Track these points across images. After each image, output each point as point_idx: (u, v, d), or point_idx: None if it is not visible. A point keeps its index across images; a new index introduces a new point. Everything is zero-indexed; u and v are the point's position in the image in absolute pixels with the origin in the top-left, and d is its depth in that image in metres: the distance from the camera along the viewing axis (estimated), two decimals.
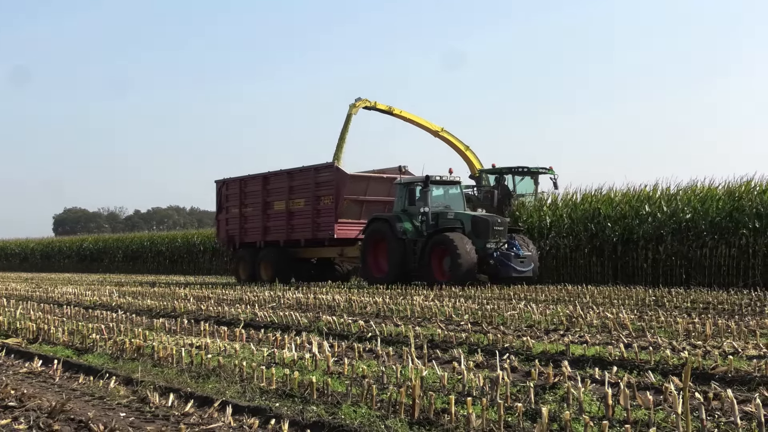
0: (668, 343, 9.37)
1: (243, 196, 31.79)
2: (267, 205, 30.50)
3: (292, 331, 11.62)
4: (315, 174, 28.44)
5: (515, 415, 5.70)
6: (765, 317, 12.40)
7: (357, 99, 33.28)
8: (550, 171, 27.64)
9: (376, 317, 13.51)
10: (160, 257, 53.79)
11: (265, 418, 5.96)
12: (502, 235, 23.82)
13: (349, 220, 27.70)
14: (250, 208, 31.45)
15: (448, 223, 24.18)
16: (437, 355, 9.00)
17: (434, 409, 5.94)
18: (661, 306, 14.94)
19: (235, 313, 14.39)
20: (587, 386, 6.74)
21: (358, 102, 33.28)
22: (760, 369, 7.42)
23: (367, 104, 33.51)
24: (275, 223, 30.15)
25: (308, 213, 28.54)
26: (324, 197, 27.90)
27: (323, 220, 27.98)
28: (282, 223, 29.73)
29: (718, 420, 5.64)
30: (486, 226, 23.54)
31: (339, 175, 27.55)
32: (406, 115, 34.19)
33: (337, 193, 27.30)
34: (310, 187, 28.45)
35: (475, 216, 24.17)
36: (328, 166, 28.55)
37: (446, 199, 25.65)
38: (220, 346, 9.66)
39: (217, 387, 7.28)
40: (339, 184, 27.30)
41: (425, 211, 24.46)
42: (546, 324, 11.89)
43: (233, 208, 32.25)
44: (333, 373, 7.77)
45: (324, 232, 27.99)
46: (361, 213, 27.82)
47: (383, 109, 33.95)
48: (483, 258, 23.05)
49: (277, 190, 30.25)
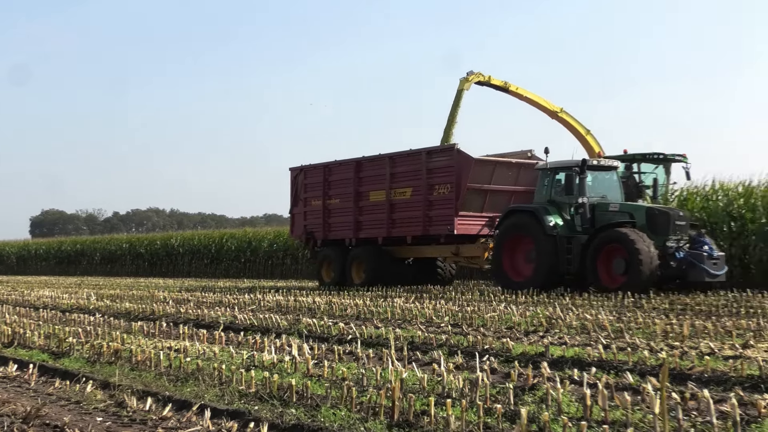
0: (646, 344, 9.42)
1: (327, 186, 27.71)
2: (360, 195, 26.47)
3: (271, 333, 11.60)
4: (427, 158, 24.40)
5: (494, 417, 5.71)
6: (741, 318, 12.47)
7: (469, 72, 29.23)
8: (684, 159, 23.31)
9: (356, 319, 13.50)
10: (139, 260, 53.60)
11: (244, 421, 5.94)
12: (684, 232, 19.85)
13: (470, 212, 23.65)
14: (336, 199, 27.40)
15: (612, 216, 20.18)
16: (417, 357, 9.00)
17: (414, 411, 5.95)
18: (640, 307, 14.99)
19: (215, 315, 14.34)
20: (566, 387, 6.76)
21: (471, 76, 29.14)
22: (736, 369, 7.47)
23: (480, 78, 29.30)
24: (371, 216, 26.16)
25: (417, 205, 24.48)
26: (439, 186, 23.93)
27: (438, 213, 23.95)
28: (381, 216, 25.70)
29: (695, 420, 5.67)
30: (666, 220, 19.56)
31: (461, 159, 23.38)
32: (523, 92, 29.92)
33: (457, 180, 23.30)
34: (421, 173, 24.40)
35: (652, 208, 20.12)
36: (447, 148, 24.58)
37: (602, 187, 21.36)
38: (199, 350, 9.63)
39: (195, 390, 7.26)
40: (461, 170, 23.30)
41: (583, 202, 20.46)
42: (526, 326, 11.91)
43: (314, 200, 28.21)
44: (313, 376, 7.76)
45: (439, 227, 23.97)
46: (484, 205, 23.78)
47: (498, 84, 29.73)
48: (663, 259, 18.94)
49: (373, 178, 26.17)
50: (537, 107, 29.99)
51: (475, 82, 29.32)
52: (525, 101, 30.03)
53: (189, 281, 37.34)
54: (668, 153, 23.06)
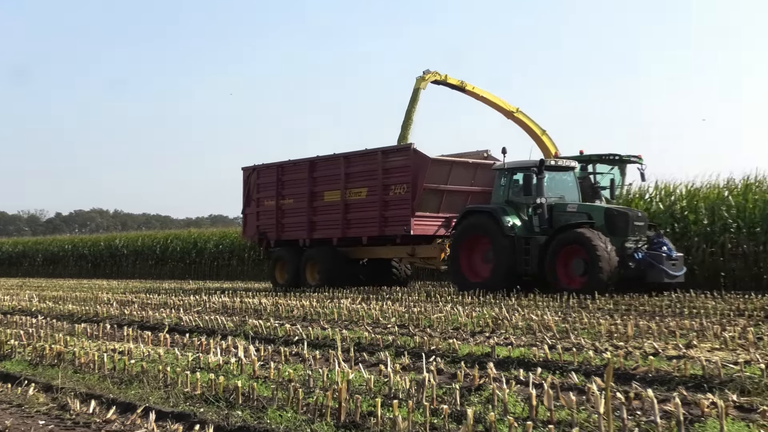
0: (591, 345, 9.49)
1: (280, 186, 27.51)
2: (314, 195, 26.26)
3: (217, 335, 11.51)
4: (383, 158, 24.18)
5: (441, 417, 5.72)
6: (684, 318, 12.63)
7: (425, 71, 29.21)
8: (639, 160, 23.59)
9: (303, 321, 13.45)
10: (82, 261, 53.09)
11: (190, 423, 5.89)
12: (643, 232, 19.90)
13: (427, 213, 23.60)
14: (290, 199, 27.18)
15: (570, 217, 20.10)
16: (364, 358, 8.99)
17: (360, 412, 5.94)
18: (585, 308, 15.13)
19: (160, 317, 14.22)
20: (512, 387, 6.79)
21: (427, 75, 29.12)
22: (680, 369, 7.56)
23: (437, 77, 29.27)
24: (326, 217, 25.92)
25: (373, 205, 24.30)
26: (395, 186, 23.73)
27: (394, 213, 23.76)
28: (336, 217, 25.48)
29: (639, 419, 5.73)
30: (625, 221, 19.55)
31: (418, 159, 23.20)
32: (479, 92, 29.97)
33: (414, 180, 23.14)
34: (377, 173, 24.18)
35: (610, 209, 20.07)
36: (404, 148, 24.32)
37: (559, 188, 21.29)
38: (144, 352, 9.53)
39: (140, 393, 7.18)
40: (417, 170, 23.12)
41: (541, 202, 20.40)
42: (472, 326, 11.95)
43: (267, 200, 27.95)
44: (259, 378, 7.71)
45: (396, 228, 23.78)
46: (441, 205, 23.74)
47: (454, 84, 29.75)
48: (622, 260, 18.91)
49: (328, 177, 25.89)
50: (493, 107, 30.01)
51: (431, 81, 29.19)
52: (481, 101, 30.02)
53: (133, 283, 36.97)
54: (624, 154, 23.20)
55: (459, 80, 29.73)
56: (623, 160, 23.19)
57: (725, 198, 24.20)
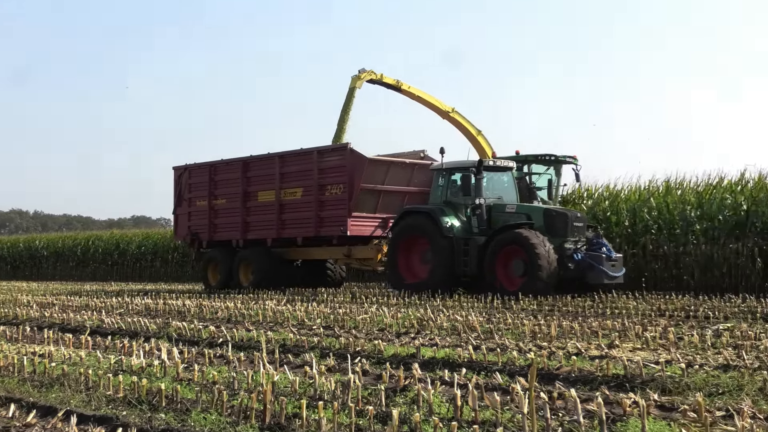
0: (515, 345, 9.58)
1: (213, 186, 27.06)
2: (248, 195, 25.88)
3: (140, 337, 11.36)
4: (319, 158, 23.90)
5: (366, 418, 5.71)
6: (607, 319, 12.80)
7: (361, 70, 28.40)
8: (574, 160, 23.42)
9: (227, 322, 13.35)
10: (1, 263, 52.18)
11: (112, 426, 5.81)
12: (582, 233, 19.82)
13: (363, 213, 23.30)
14: (223, 199, 26.74)
15: (509, 218, 19.97)
16: (289, 360, 8.95)
17: (286, 414, 5.91)
18: (509, 309, 15.26)
19: (81, 319, 13.99)
20: (437, 388, 6.82)
21: (363, 74, 28.30)
22: (602, 369, 7.66)
23: (372, 77, 28.47)
24: (260, 217, 25.57)
25: (309, 205, 24.01)
26: (331, 186, 23.47)
27: (331, 214, 23.46)
28: (270, 217, 25.13)
29: (562, 419, 5.79)
30: (564, 221, 19.52)
31: (354, 158, 22.98)
32: (415, 91, 29.21)
33: (350, 180, 22.90)
34: (312, 173, 23.91)
35: (549, 209, 20.02)
36: (340, 148, 24.01)
37: (497, 188, 21.19)
38: (65, 354, 9.38)
39: (61, 396, 7.05)
40: (353, 170, 22.90)
41: (479, 203, 20.26)
42: (397, 327, 11.97)
43: (199, 200, 27.44)
44: (183, 380, 7.63)
45: (332, 228, 23.48)
46: (378, 205, 23.48)
47: (390, 83, 28.96)
48: (561, 261, 18.83)
49: (262, 177, 25.57)
50: (429, 107, 29.59)
51: (367, 80, 28.70)
52: (417, 100, 29.58)
53: (54, 284, 36.37)
54: (559, 154, 23.22)
55: (395, 79, 29.27)
56: (559, 160, 23.19)
57: (646, 200, 24.64)
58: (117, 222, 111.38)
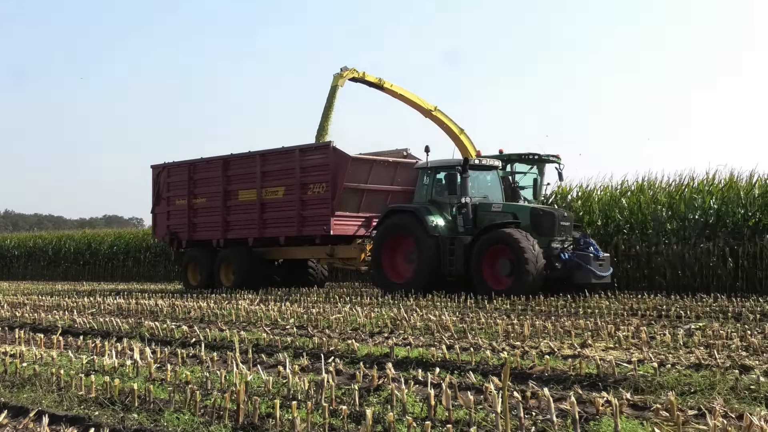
0: (488, 344, 9.60)
1: (192, 185, 26.84)
2: (228, 194, 25.70)
3: (112, 337, 11.30)
4: (301, 156, 23.76)
5: (340, 418, 5.70)
6: (579, 318, 12.85)
7: (343, 68, 28.01)
8: (557, 159, 23.26)
9: (200, 322, 13.31)
10: None
11: (84, 427, 5.77)
12: (569, 233, 19.70)
13: (347, 212, 23.24)
14: (203, 198, 26.55)
15: (495, 217, 19.79)
16: (262, 360, 8.93)
17: (259, 414, 5.89)
18: (482, 308, 15.29)
19: (53, 319, 13.90)
20: (411, 387, 6.82)
21: (345, 72, 27.95)
22: (575, 368, 7.69)
23: (354, 75, 28.13)
24: (241, 216, 25.42)
25: (291, 204, 23.87)
26: (313, 185, 23.31)
27: (313, 213, 23.32)
28: (251, 216, 24.98)
29: (536, 418, 5.80)
30: (551, 220, 19.34)
31: (337, 157, 22.84)
32: (397, 89, 28.98)
33: (333, 179, 22.76)
34: (294, 172, 23.77)
35: (536, 208, 19.86)
36: (323, 146, 23.80)
37: (483, 187, 21.07)
38: (36, 354, 9.31)
39: (32, 396, 7.00)
40: (336, 169, 22.76)
41: (465, 202, 20.09)
42: (371, 327, 11.98)
43: (179, 199, 27.23)
44: (155, 380, 7.60)
45: (315, 228, 23.32)
46: (361, 204, 23.42)
47: (372, 81, 28.67)
48: (548, 260, 18.66)
49: (243, 176, 25.44)
50: (411, 105, 29.41)
51: (349, 79, 28.40)
52: (399, 99, 29.39)
53: (25, 284, 36.12)
54: (543, 154, 23.15)
55: (377, 78, 28.96)
56: (542, 159, 23.14)
57: (618, 200, 24.78)
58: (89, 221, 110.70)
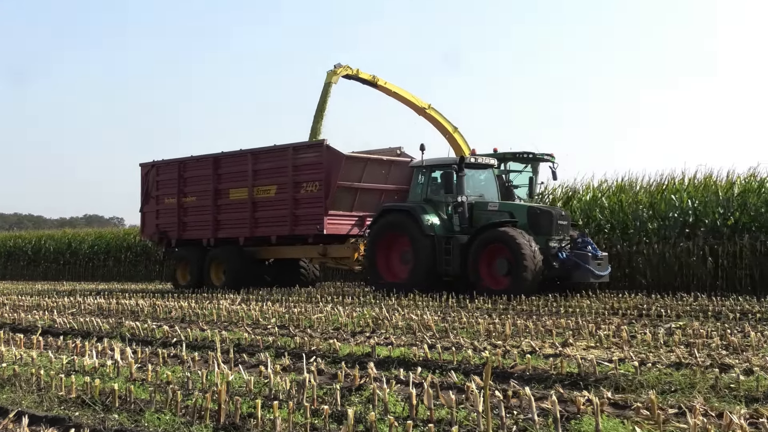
0: (470, 344, 9.61)
1: (182, 183, 26.59)
2: (219, 193, 25.48)
3: (93, 337, 11.25)
4: (294, 154, 23.54)
5: (322, 418, 5.69)
6: (561, 317, 12.88)
7: (336, 65, 27.68)
8: (552, 158, 23.07)
9: (181, 322, 13.27)
10: None
11: (64, 427, 5.74)
12: (566, 232, 19.56)
13: (340, 211, 22.95)
14: (193, 197, 26.32)
15: (491, 216, 19.61)
16: (244, 360, 8.91)
17: (240, 414, 5.88)
18: (464, 307, 15.31)
19: (32, 319, 13.82)
20: (392, 387, 6.82)
21: (339, 69, 27.59)
22: (556, 367, 7.71)
23: (348, 72, 27.77)
24: (232, 215, 25.18)
25: (283, 203, 23.65)
26: (307, 183, 23.12)
27: (306, 212, 23.12)
28: (243, 215, 24.75)
29: (517, 417, 5.81)
30: (549, 219, 19.18)
31: (331, 155, 22.62)
32: (391, 87, 28.62)
33: (326, 178, 22.53)
34: (287, 170, 23.56)
35: (533, 207, 19.75)
36: (316, 144, 23.63)
37: (478, 186, 20.83)
38: (16, 355, 9.25)
39: (12, 397, 6.96)
40: (330, 168, 22.53)
41: (462, 200, 19.90)
42: (352, 326, 11.97)
43: (168, 198, 27.00)
44: (136, 380, 7.56)
45: (308, 227, 23.09)
46: (354, 203, 23.18)
47: (366, 78, 28.34)
48: (546, 259, 18.54)
49: (234, 174, 25.20)
50: (405, 103, 29.09)
51: (342, 76, 28.12)
52: (393, 96, 29.08)
53: (4, 284, 35.91)
54: (537, 152, 23.01)
55: (371, 75, 28.70)
56: (536, 158, 22.98)
57: (599, 199, 24.86)
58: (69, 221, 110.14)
